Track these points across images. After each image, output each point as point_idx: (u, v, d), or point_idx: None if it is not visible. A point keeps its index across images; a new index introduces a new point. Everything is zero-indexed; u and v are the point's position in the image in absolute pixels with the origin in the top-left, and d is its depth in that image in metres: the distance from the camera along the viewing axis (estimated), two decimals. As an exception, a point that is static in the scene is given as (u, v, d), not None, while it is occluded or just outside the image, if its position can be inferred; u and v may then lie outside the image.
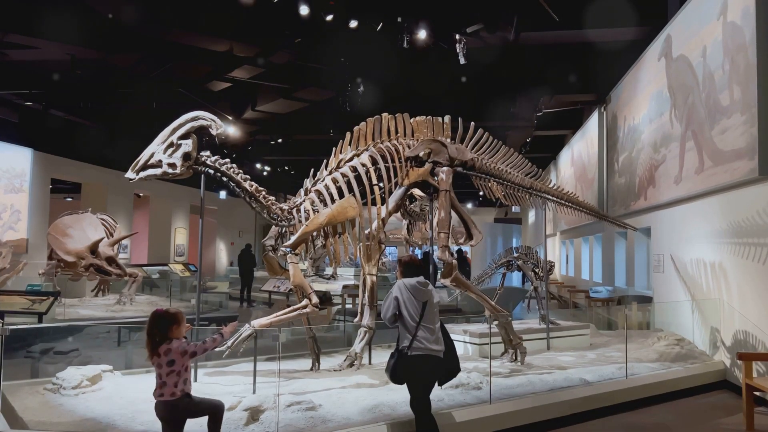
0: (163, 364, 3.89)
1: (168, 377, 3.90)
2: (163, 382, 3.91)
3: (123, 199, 19.18)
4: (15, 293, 8.79)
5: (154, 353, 3.90)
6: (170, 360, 3.89)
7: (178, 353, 3.91)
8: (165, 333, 3.94)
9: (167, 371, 3.90)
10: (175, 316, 4.01)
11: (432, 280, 6.92)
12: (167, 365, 3.89)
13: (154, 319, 3.98)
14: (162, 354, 3.89)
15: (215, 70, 14.12)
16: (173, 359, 3.90)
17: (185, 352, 3.93)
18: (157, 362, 3.90)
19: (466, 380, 5.95)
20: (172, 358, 3.90)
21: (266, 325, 5.76)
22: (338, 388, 5.91)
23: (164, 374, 3.90)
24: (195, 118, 5.53)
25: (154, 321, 3.97)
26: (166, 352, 3.89)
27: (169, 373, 3.90)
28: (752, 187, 7.13)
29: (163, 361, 3.89)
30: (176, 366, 3.91)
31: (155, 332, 3.93)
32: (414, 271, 4.97)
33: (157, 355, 3.90)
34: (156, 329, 3.94)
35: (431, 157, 7.01)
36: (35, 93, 15.03)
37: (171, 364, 3.89)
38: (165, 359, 3.89)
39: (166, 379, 3.90)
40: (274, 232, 6.84)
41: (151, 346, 3.91)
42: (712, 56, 7.98)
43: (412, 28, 11.15)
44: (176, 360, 3.90)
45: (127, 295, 11.71)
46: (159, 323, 3.96)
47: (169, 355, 3.89)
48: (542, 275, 9.42)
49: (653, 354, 8.13)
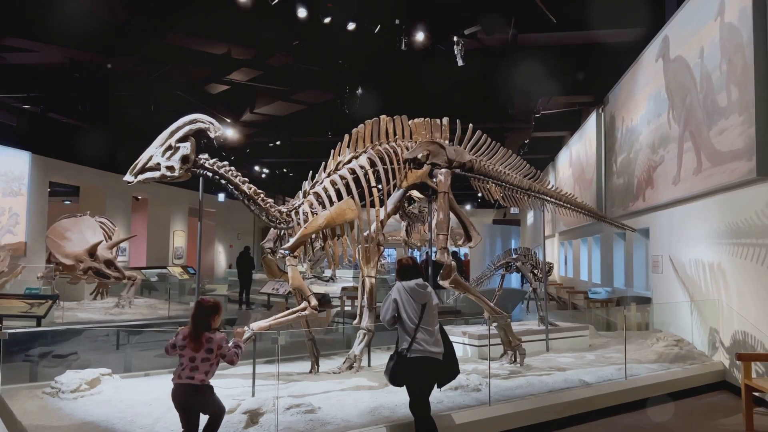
0: (202, 350, 4.05)
1: (202, 363, 4.06)
2: (195, 366, 4.04)
3: (121, 202, 19.17)
4: (13, 296, 8.77)
5: (197, 340, 4.06)
6: (209, 348, 4.08)
7: (217, 344, 4.10)
8: (209, 322, 4.14)
9: (203, 357, 4.06)
10: (217, 306, 4.24)
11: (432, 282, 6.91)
12: (206, 352, 4.07)
13: (199, 308, 4.18)
14: (204, 341, 4.07)
15: (213, 73, 14.14)
16: (212, 348, 4.08)
17: (221, 347, 4.12)
18: (193, 347, 4.05)
19: (465, 382, 5.95)
20: (212, 347, 4.08)
21: (265, 327, 5.76)
22: (337, 390, 5.90)
23: (199, 359, 4.05)
24: (193, 120, 5.53)
25: (199, 310, 4.17)
26: (208, 340, 4.08)
27: (204, 360, 4.06)
28: (750, 188, 7.14)
29: (203, 347, 4.06)
30: (212, 356, 4.09)
31: (200, 320, 4.12)
32: (412, 274, 4.97)
33: (198, 342, 4.06)
34: (201, 317, 4.12)
35: (430, 159, 7.01)
36: (33, 96, 15.03)
37: (209, 351, 4.08)
38: (205, 346, 4.07)
39: (199, 364, 4.05)
40: (273, 235, 6.83)
41: (195, 334, 4.08)
42: (710, 57, 8.00)
43: (410, 30, 11.17)
44: (214, 350, 4.09)
45: (125, 298, 11.70)
46: (204, 312, 4.15)
47: (210, 343, 4.09)
48: (541, 276, 9.42)
49: (652, 355, 8.14)
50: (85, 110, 15.21)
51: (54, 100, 15.37)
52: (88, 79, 13.63)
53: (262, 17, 10.92)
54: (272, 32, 11.78)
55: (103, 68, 13.19)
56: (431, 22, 11.27)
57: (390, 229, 9.28)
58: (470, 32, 11.30)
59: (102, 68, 13.23)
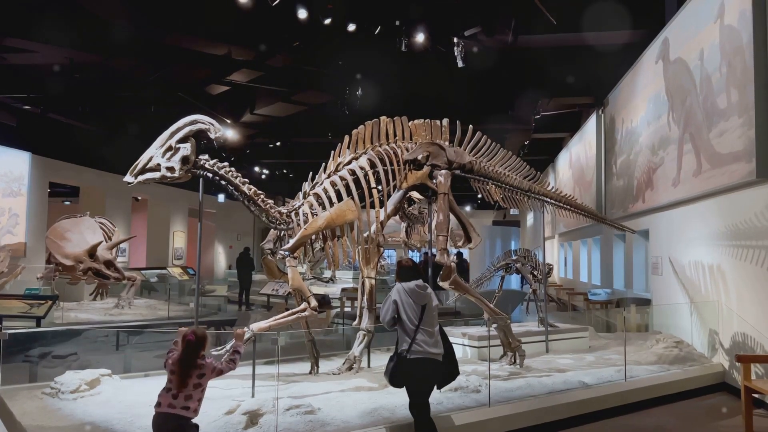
0: (194, 375, 3.90)
1: (195, 390, 3.90)
2: (189, 394, 3.86)
3: (121, 203, 19.17)
4: (13, 297, 8.77)
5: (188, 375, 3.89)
6: (201, 374, 3.92)
7: (209, 370, 3.96)
8: (198, 356, 3.96)
9: (195, 383, 3.90)
10: (204, 338, 4.01)
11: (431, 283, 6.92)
12: (197, 377, 3.91)
13: (188, 347, 3.94)
14: (194, 373, 3.91)
15: (214, 74, 14.15)
16: (204, 374, 3.94)
17: (214, 369, 3.99)
18: (183, 373, 3.88)
19: (465, 383, 5.95)
20: (203, 372, 3.93)
21: (265, 328, 5.76)
22: (337, 391, 5.89)
23: (191, 386, 3.88)
24: (193, 121, 5.53)
25: (188, 349, 3.93)
26: (199, 367, 3.93)
27: (196, 387, 3.91)
28: (750, 190, 7.14)
29: (194, 374, 3.90)
30: (203, 381, 3.94)
31: (190, 358, 3.92)
32: (412, 275, 4.97)
33: (191, 368, 3.90)
34: (191, 355, 3.93)
35: (429, 160, 7.01)
36: (33, 96, 15.04)
37: (201, 377, 3.93)
38: (197, 372, 3.91)
39: (192, 392, 3.88)
40: (273, 236, 6.83)
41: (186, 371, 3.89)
42: (710, 59, 8.01)
43: (411, 31, 11.18)
44: (206, 375, 3.95)
45: (125, 298, 11.69)
46: (194, 349, 3.94)
47: (202, 369, 3.93)
48: (541, 278, 9.42)
49: (652, 356, 8.14)
50: (85, 110, 15.19)
51: (54, 101, 15.37)
52: (87, 79, 13.64)
53: (262, 18, 10.93)
54: (272, 33, 11.79)
55: (103, 68, 13.20)
56: (431, 24, 11.28)
57: (390, 230, 9.28)
58: (470, 34, 11.31)
59: (102, 68, 13.24)
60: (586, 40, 11.77)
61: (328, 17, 10.45)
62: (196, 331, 4.04)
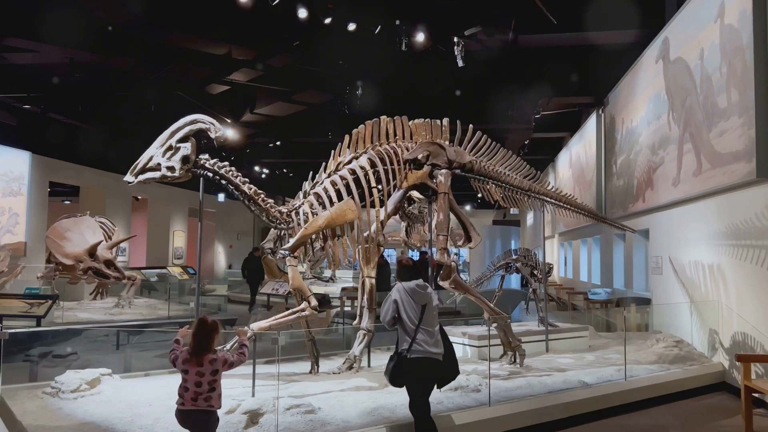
0: (207, 373, 3.92)
1: (217, 385, 3.95)
2: (212, 388, 3.93)
3: (121, 202, 19.17)
4: (13, 296, 8.77)
5: (201, 363, 3.92)
6: (215, 369, 3.95)
7: (221, 362, 3.98)
8: (211, 341, 4.00)
9: (210, 380, 3.93)
10: (217, 326, 4.06)
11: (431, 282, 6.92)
12: (211, 374, 3.93)
13: (202, 326, 4.00)
14: (206, 363, 3.93)
15: (214, 73, 14.14)
16: (217, 369, 3.96)
17: (226, 361, 4.00)
18: (197, 371, 3.91)
19: (465, 383, 5.95)
20: (217, 368, 3.96)
21: (265, 328, 5.76)
22: (337, 391, 5.90)
23: (207, 382, 3.91)
24: (194, 121, 5.54)
25: (202, 328, 3.99)
26: (212, 362, 3.94)
27: (212, 382, 3.94)
28: (750, 189, 7.15)
29: (207, 370, 3.92)
30: (218, 376, 3.97)
31: (202, 339, 3.96)
32: (412, 274, 4.97)
33: (199, 364, 3.92)
34: (204, 335, 3.97)
35: (430, 160, 7.02)
36: (34, 96, 15.03)
37: (215, 373, 3.95)
38: (209, 368, 3.93)
39: (216, 386, 3.94)
40: (273, 235, 6.84)
41: (198, 353, 3.93)
42: (710, 59, 8.01)
43: (411, 30, 11.17)
44: (219, 370, 3.97)
45: (125, 298, 11.70)
46: (208, 330, 3.99)
47: (214, 364, 3.94)
48: (541, 277, 9.43)
49: (652, 356, 8.14)
50: (85, 110, 15.20)
51: (54, 100, 15.37)
52: (88, 79, 13.63)
53: (262, 17, 10.92)
54: (272, 33, 11.78)
55: (103, 68, 13.19)
56: (431, 23, 11.28)
57: (390, 230, 9.28)
58: (470, 33, 11.31)
59: (102, 68, 13.23)
60: (586, 40, 11.77)
61: (328, 17, 10.46)
62: (207, 318, 4.11)
